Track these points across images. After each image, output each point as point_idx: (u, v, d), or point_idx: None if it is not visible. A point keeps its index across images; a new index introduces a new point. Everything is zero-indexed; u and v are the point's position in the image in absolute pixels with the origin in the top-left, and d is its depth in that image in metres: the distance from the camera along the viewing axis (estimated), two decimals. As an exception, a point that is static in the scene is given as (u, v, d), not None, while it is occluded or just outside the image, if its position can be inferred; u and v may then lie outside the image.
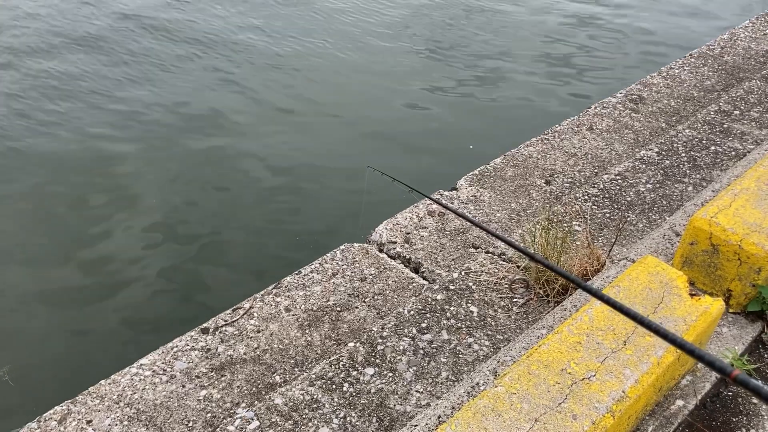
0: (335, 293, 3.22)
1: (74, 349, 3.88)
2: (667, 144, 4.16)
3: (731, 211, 2.62)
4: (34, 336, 3.94)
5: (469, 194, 3.94)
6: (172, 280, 4.44)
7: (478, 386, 2.12)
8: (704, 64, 5.62)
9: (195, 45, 7.50)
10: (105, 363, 3.31)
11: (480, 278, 3.07)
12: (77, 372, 3.68)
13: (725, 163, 3.97)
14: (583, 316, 2.20)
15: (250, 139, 5.98)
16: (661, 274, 2.39)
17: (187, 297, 4.33)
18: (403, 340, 2.73)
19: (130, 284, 4.36)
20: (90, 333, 4.00)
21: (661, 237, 2.99)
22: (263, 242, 4.83)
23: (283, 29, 8.07)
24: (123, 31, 7.62)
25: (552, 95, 7.16)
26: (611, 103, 5.00)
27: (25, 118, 5.97)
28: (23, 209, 4.91)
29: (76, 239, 4.67)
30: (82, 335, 3.99)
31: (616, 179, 3.83)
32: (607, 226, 3.45)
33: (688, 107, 4.93)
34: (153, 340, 3.12)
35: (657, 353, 2.07)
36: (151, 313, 4.20)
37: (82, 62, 6.92)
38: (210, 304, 4.11)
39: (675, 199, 3.66)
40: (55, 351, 3.87)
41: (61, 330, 4.01)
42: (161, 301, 4.29)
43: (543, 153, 4.36)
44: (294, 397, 2.51)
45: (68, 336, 3.98)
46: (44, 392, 3.54)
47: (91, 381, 2.74)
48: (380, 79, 7.17)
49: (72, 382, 3.03)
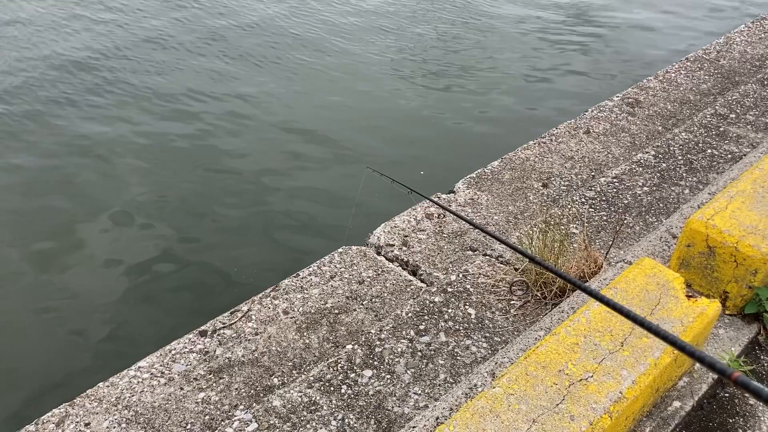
0: (333, 296, 3.22)
1: (72, 352, 3.88)
2: (664, 147, 4.18)
3: (727, 214, 2.64)
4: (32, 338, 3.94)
5: (467, 197, 3.95)
6: (170, 282, 4.43)
7: (476, 388, 2.13)
8: (700, 68, 5.64)
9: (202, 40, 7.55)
10: (103, 366, 3.31)
11: (478, 281, 3.08)
12: (75, 375, 3.67)
13: (721, 165, 3.99)
14: (580, 318, 2.21)
15: (249, 139, 5.98)
16: (658, 275, 2.40)
17: (185, 299, 4.33)
18: (401, 342, 2.74)
19: (127, 286, 4.36)
20: (87, 335, 4.00)
21: (657, 239, 3.00)
22: (261, 245, 4.83)
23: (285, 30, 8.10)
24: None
25: (548, 98, 7.18)
26: (608, 107, 5.02)
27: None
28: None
29: (70, 239, 4.67)
30: (81, 337, 3.99)
31: (613, 182, 3.84)
32: (604, 229, 3.46)
33: (685, 110, 4.95)
34: (151, 343, 3.13)
35: (654, 354, 2.08)
36: (148, 316, 4.19)
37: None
38: (208, 306, 4.11)
39: (672, 202, 3.67)
40: (53, 353, 3.86)
41: (59, 332, 4.00)
42: (159, 304, 4.29)
43: (540, 156, 4.38)
44: (292, 399, 2.52)
45: (66, 338, 3.97)
46: (42, 395, 3.54)
47: (90, 383, 2.74)
48: (375, 83, 7.19)
49: (70, 384, 3.03)
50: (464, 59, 7.86)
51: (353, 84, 7.15)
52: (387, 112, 6.62)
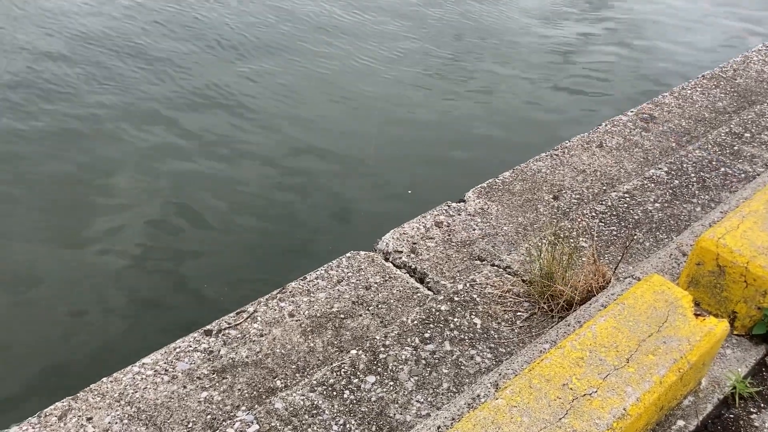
0: (339, 300, 3.22)
1: (78, 346, 3.90)
2: (677, 164, 4.16)
3: (739, 233, 2.62)
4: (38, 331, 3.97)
5: (477, 206, 3.94)
6: (177, 280, 4.45)
7: (479, 398, 2.12)
8: (716, 85, 5.62)
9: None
10: (107, 361, 3.32)
11: (485, 290, 3.07)
12: (79, 368, 3.69)
13: (734, 185, 3.96)
14: (586, 332, 2.20)
15: (258, 139, 6.00)
16: (667, 293, 2.38)
17: (190, 298, 4.35)
18: (405, 350, 2.73)
19: (131, 283, 4.38)
20: (93, 331, 4.02)
21: (667, 256, 2.98)
22: (268, 246, 4.84)
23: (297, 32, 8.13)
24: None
25: (563, 110, 7.17)
26: (622, 121, 5.01)
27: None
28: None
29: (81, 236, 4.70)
30: (86, 332, 4.01)
31: (624, 197, 3.83)
32: (614, 244, 3.44)
33: (699, 128, 4.92)
34: (155, 341, 3.14)
35: (660, 372, 2.06)
36: (153, 313, 4.21)
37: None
38: (214, 306, 4.12)
39: (683, 219, 3.65)
40: (59, 347, 3.89)
41: (66, 326, 4.02)
42: (164, 302, 4.30)
43: (552, 168, 4.36)
44: (294, 402, 2.51)
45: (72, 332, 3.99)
46: (46, 387, 3.55)
47: (93, 378, 2.75)
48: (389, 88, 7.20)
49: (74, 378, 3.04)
50: (477, 67, 7.86)
51: (359, 86, 7.16)
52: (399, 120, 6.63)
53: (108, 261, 4.51)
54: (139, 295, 4.32)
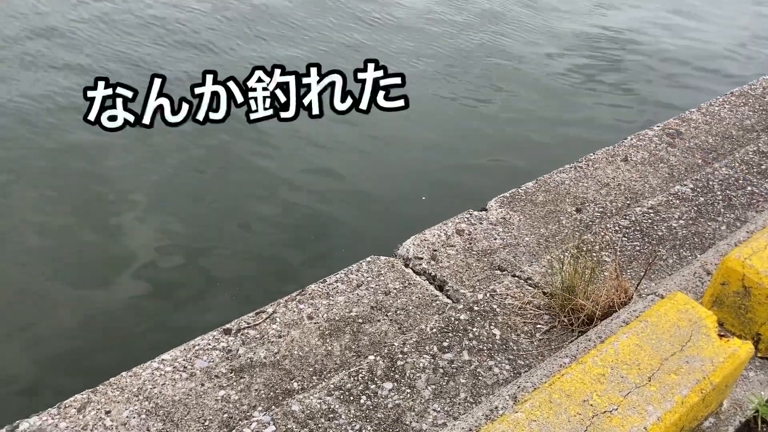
0: (358, 305, 3.23)
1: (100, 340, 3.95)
2: (703, 181, 4.12)
3: (766, 254, 2.59)
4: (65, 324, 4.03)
5: (499, 216, 3.93)
6: (198, 278, 4.49)
7: (497, 410, 2.11)
8: (745, 103, 5.56)
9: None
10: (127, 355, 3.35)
11: (505, 301, 3.06)
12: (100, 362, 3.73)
13: (761, 204, 3.92)
14: (608, 348, 2.18)
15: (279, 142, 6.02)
16: (690, 312, 2.36)
17: (210, 298, 4.38)
18: (423, 358, 2.73)
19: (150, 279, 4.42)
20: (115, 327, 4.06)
21: (691, 274, 2.96)
22: (289, 248, 4.86)
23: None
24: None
25: (588, 123, 7.13)
26: (648, 136, 4.96)
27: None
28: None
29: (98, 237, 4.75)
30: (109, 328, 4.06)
31: (648, 212, 3.79)
32: (637, 259, 3.41)
33: (726, 145, 4.87)
34: (174, 337, 3.16)
35: (682, 392, 2.04)
36: (174, 309, 4.25)
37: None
38: (233, 306, 4.14)
39: (707, 237, 3.61)
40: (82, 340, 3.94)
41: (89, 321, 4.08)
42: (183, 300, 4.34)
43: (575, 180, 4.34)
44: (311, 405, 2.52)
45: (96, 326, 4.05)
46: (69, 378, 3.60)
47: (113, 372, 2.77)
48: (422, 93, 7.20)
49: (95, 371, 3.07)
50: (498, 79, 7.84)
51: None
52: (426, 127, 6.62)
53: (132, 256, 4.56)
54: (158, 290, 4.36)
